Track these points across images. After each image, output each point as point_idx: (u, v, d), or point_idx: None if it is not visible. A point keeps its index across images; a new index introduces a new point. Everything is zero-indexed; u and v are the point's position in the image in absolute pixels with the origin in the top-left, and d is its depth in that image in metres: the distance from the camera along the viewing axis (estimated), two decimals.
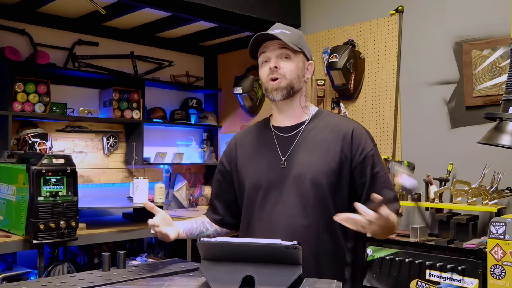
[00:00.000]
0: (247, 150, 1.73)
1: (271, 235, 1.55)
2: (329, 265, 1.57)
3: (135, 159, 3.99)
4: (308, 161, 1.60)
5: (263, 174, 1.64)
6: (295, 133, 1.66)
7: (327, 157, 1.59)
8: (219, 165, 1.80)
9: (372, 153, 1.61)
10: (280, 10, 3.84)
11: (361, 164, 1.60)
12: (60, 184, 2.73)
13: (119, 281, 1.39)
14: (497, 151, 2.66)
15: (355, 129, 1.64)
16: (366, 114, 3.59)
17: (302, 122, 1.67)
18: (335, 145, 1.60)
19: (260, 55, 1.66)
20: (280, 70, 1.61)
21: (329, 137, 1.62)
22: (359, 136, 1.62)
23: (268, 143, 1.68)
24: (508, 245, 2.18)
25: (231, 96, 4.38)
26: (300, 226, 1.57)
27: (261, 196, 1.63)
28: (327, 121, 1.67)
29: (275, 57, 1.62)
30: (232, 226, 1.79)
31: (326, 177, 1.57)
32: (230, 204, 1.76)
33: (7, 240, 2.68)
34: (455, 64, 3.14)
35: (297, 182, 1.58)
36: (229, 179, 1.76)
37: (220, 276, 1.24)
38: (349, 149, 1.60)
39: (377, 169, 1.61)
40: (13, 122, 3.35)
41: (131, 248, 3.72)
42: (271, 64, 1.61)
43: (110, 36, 4.08)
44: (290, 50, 1.62)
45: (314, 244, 1.55)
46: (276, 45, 1.62)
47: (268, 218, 1.61)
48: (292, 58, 1.63)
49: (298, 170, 1.59)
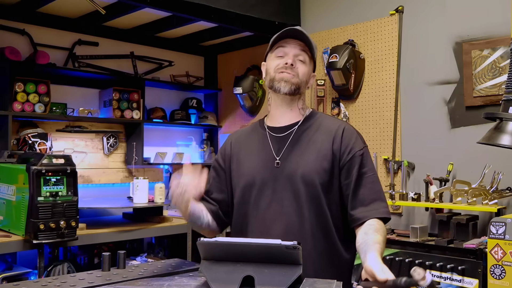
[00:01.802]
0: (242, 149, 1.74)
1: (266, 233, 1.57)
2: (323, 263, 1.58)
3: (135, 159, 3.99)
4: (302, 160, 1.61)
5: (257, 173, 1.65)
6: (289, 132, 1.67)
7: (319, 156, 1.61)
8: (214, 163, 1.81)
9: (361, 153, 1.62)
10: (280, 10, 3.84)
11: (348, 163, 1.60)
12: (60, 184, 2.73)
13: (119, 281, 1.39)
14: (497, 151, 2.66)
15: (345, 128, 1.65)
16: (366, 114, 3.59)
17: (296, 123, 1.69)
18: (327, 144, 1.62)
19: (277, 47, 1.67)
20: (295, 69, 1.64)
21: (322, 136, 1.64)
22: (349, 136, 1.64)
23: (262, 143, 1.70)
24: (508, 245, 2.18)
25: (231, 96, 4.38)
26: (294, 224, 1.58)
27: (255, 195, 1.63)
28: (320, 122, 1.69)
29: (293, 55, 1.65)
30: (221, 222, 1.76)
31: (318, 176, 1.58)
32: (221, 202, 1.75)
33: (7, 240, 2.68)
34: (455, 64, 3.14)
35: (291, 180, 1.60)
36: (222, 178, 1.76)
37: (220, 276, 1.24)
38: (338, 148, 1.62)
39: (365, 169, 1.60)
40: (13, 122, 3.35)
41: (131, 248, 3.72)
42: (289, 60, 1.63)
43: (110, 36, 4.08)
44: (307, 55, 1.66)
45: (308, 242, 1.56)
46: (297, 45, 1.65)
47: (262, 216, 1.61)
48: (306, 64, 1.67)
49: (292, 169, 1.61)
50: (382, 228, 1.51)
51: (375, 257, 1.32)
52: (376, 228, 1.49)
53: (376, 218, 1.54)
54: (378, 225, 1.51)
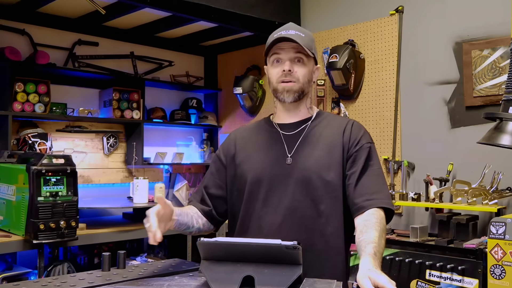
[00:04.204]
0: (249, 146, 1.72)
1: (276, 229, 1.56)
2: (339, 259, 1.58)
3: (135, 159, 3.99)
4: (314, 156, 1.61)
5: (266, 169, 1.64)
6: (300, 129, 1.68)
7: (331, 150, 1.61)
8: (214, 157, 1.79)
9: (368, 145, 1.63)
10: (280, 10, 3.84)
11: (355, 153, 1.61)
12: (60, 184, 2.73)
13: (119, 281, 1.39)
14: (497, 151, 2.66)
15: (354, 123, 1.68)
16: (366, 114, 3.59)
17: (307, 119, 1.70)
18: (338, 137, 1.63)
19: (272, 54, 1.65)
20: (294, 74, 1.61)
21: (332, 131, 1.66)
22: (357, 129, 1.66)
23: (273, 139, 1.69)
24: (508, 245, 2.18)
25: (231, 96, 4.38)
26: (308, 219, 1.57)
27: (264, 191, 1.62)
28: (329, 120, 1.71)
29: (289, 60, 1.61)
30: (215, 222, 1.76)
31: (333, 171, 1.59)
32: (218, 199, 1.74)
33: (7, 240, 2.68)
34: (455, 64, 3.14)
35: (305, 177, 1.59)
36: (223, 174, 1.74)
37: (220, 276, 1.24)
38: (348, 140, 1.63)
39: (371, 162, 1.61)
40: (13, 122, 3.35)
41: (131, 248, 3.72)
42: (286, 67, 1.61)
43: (110, 36, 4.08)
44: (304, 55, 1.62)
45: (325, 236, 1.56)
46: (291, 47, 1.61)
47: (272, 212, 1.60)
48: (305, 63, 1.63)
49: (305, 165, 1.60)
50: (381, 221, 1.49)
51: (366, 264, 1.30)
52: (374, 222, 1.47)
53: (377, 208, 1.52)
54: (377, 217, 1.49)
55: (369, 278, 1.20)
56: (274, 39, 1.61)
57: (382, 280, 1.18)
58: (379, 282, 1.18)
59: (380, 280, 1.18)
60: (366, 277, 1.21)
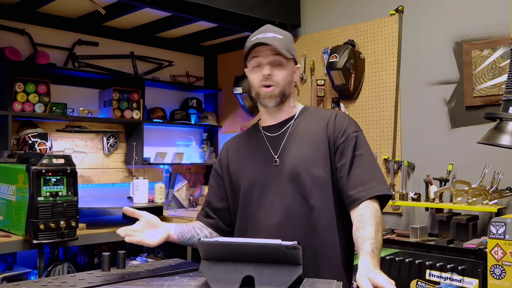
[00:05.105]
0: (239, 154, 1.75)
1: (273, 230, 1.57)
2: (336, 253, 1.58)
3: (135, 159, 3.99)
4: (301, 154, 1.61)
5: (257, 173, 1.65)
6: (284, 129, 1.68)
7: (317, 146, 1.61)
8: (213, 172, 1.82)
9: (354, 135, 1.61)
10: (280, 10, 3.84)
11: (342, 144, 1.59)
12: (60, 184, 2.73)
13: (119, 281, 1.39)
14: (497, 151, 2.66)
15: (338, 114, 1.66)
16: (366, 114, 3.59)
17: (290, 118, 1.69)
18: (322, 131, 1.63)
19: (251, 59, 1.64)
20: (274, 78, 1.61)
21: (316, 126, 1.65)
22: (341, 120, 1.64)
23: (259, 144, 1.70)
24: (508, 245, 2.18)
25: (231, 96, 4.38)
26: (302, 216, 1.58)
27: (257, 194, 1.64)
28: (313, 115, 1.70)
29: (268, 63, 1.61)
30: (224, 233, 1.78)
31: (320, 165, 1.59)
32: (222, 211, 1.77)
33: (7, 240, 2.67)
34: (455, 64, 3.14)
35: (293, 175, 1.60)
36: (222, 186, 1.77)
37: (220, 276, 1.24)
38: (332, 132, 1.61)
39: (360, 151, 1.59)
40: (13, 122, 3.34)
41: (131, 248, 3.71)
42: (265, 71, 1.60)
43: (110, 36, 4.08)
44: (283, 57, 1.61)
45: (318, 231, 1.56)
46: (269, 51, 1.60)
47: (266, 213, 1.61)
48: (285, 65, 1.62)
49: (292, 164, 1.61)
50: (375, 213, 1.48)
51: (365, 263, 1.29)
52: (369, 216, 1.46)
53: (370, 200, 1.51)
54: (371, 210, 1.48)
55: (368, 278, 1.20)
56: (252, 44, 1.60)
57: (381, 280, 1.18)
58: (378, 282, 1.18)
59: (379, 280, 1.18)
60: (365, 277, 1.21)
